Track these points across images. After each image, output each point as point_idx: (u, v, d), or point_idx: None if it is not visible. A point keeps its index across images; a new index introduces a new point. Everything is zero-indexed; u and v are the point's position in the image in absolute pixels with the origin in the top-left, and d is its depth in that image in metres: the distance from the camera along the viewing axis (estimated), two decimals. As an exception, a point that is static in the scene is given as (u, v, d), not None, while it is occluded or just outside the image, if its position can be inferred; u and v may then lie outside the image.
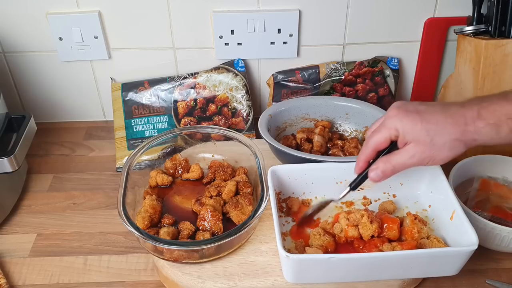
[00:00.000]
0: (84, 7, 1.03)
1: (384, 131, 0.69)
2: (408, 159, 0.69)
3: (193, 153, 0.97)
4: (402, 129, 0.68)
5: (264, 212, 0.77)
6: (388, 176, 0.71)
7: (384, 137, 0.70)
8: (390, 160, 0.70)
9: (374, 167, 0.71)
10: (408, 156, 0.68)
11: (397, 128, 0.68)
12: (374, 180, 0.72)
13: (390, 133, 0.69)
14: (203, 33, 1.07)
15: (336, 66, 1.09)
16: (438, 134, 0.66)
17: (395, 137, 0.69)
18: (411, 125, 0.67)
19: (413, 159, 0.68)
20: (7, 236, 0.89)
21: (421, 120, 0.67)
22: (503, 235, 0.78)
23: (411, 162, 0.69)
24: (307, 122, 1.03)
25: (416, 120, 0.67)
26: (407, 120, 0.68)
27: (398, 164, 0.69)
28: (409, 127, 0.67)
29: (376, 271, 0.71)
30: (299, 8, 1.04)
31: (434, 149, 0.67)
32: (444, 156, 0.68)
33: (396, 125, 0.68)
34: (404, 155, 0.69)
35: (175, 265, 0.77)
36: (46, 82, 1.13)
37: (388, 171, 0.70)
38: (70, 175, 1.03)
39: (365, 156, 0.73)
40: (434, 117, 0.67)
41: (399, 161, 0.69)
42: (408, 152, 0.68)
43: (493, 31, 0.95)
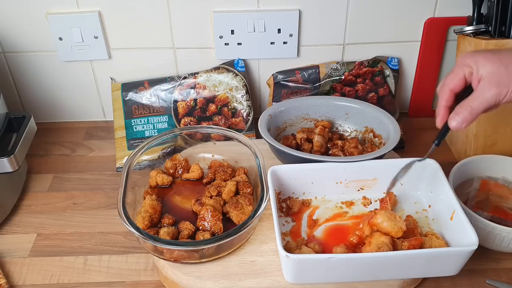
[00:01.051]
0: (84, 7, 1.03)
1: (457, 69, 0.69)
2: (485, 95, 0.66)
3: (193, 153, 0.97)
4: (475, 64, 0.67)
5: (264, 212, 0.77)
6: (469, 121, 0.69)
7: (458, 75, 0.68)
8: (467, 103, 0.68)
9: (453, 115, 0.69)
10: (485, 92, 0.66)
11: (470, 64, 0.67)
12: (457, 127, 0.69)
13: (464, 70, 0.68)
14: (203, 33, 1.07)
15: (336, 66, 1.09)
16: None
17: (469, 73, 0.68)
18: (483, 58, 0.67)
19: (491, 92, 0.66)
20: (7, 236, 0.89)
21: (493, 53, 0.67)
22: (503, 235, 0.78)
23: (489, 97, 0.66)
24: (307, 122, 1.03)
25: (488, 54, 0.67)
26: (479, 55, 0.67)
27: (476, 103, 0.67)
28: (483, 61, 0.67)
29: (376, 271, 0.71)
30: (299, 8, 1.04)
31: (510, 77, 0.65)
32: None
33: (469, 61, 0.68)
34: (481, 92, 0.67)
35: (175, 265, 0.77)
36: (46, 82, 1.13)
37: (467, 113, 0.68)
38: (70, 175, 1.03)
39: (444, 101, 0.71)
40: (504, 51, 0.67)
41: (477, 100, 0.67)
42: (484, 88, 0.66)
43: (493, 31, 0.95)
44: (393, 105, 1.10)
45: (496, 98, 0.67)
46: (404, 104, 1.19)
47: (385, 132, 0.95)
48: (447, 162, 0.86)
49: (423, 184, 0.85)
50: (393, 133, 0.91)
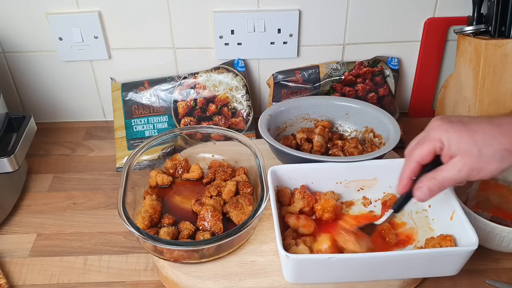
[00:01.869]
0: (84, 7, 1.03)
1: (428, 143, 0.65)
2: (455, 174, 0.64)
3: (193, 153, 0.97)
4: (447, 140, 0.64)
5: (264, 212, 0.77)
6: (435, 194, 0.67)
7: (428, 150, 0.65)
8: (436, 176, 0.66)
9: (419, 185, 0.67)
10: (456, 170, 0.64)
11: (442, 140, 0.64)
12: (421, 199, 0.68)
13: (434, 145, 0.65)
14: (203, 33, 1.07)
15: (336, 66, 1.09)
16: (487, 144, 0.62)
17: (439, 149, 0.65)
18: (457, 136, 0.63)
19: (461, 173, 0.64)
20: (7, 236, 0.89)
21: (467, 130, 0.63)
22: (503, 235, 0.78)
23: (458, 177, 0.64)
24: (307, 122, 1.03)
25: (461, 131, 0.63)
26: (452, 131, 0.64)
27: (445, 179, 0.65)
28: (455, 138, 0.63)
29: (376, 271, 0.71)
30: (299, 8, 1.04)
31: (482, 161, 0.63)
32: (494, 168, 0.63)
33: (441, 136, 0.64)
34: (451, 170, 0.64)
35: (175, 265, 0.77)
36: (46, 82, 1.13)
37: (435, 188, 0.66)
38: (70, 175, 1.03)
39: (409, 172, 0.68)
40: (480, 127, 0.63)
41: (446, 177, 0.65)
42: (455, 166, 0.64)
43: (493, 31, 0.95)
44: (393, 105, 1.10)
45: (464, 179, 0.66)
46: (404, 104, 1.19)
47: (385, 132, 0.95)
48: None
49: (423, 184, 0.85)
50: (393, 133, 0.91)
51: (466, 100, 1.00)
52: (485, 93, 0.95)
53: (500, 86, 0.95)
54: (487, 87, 0.95)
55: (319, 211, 0.82)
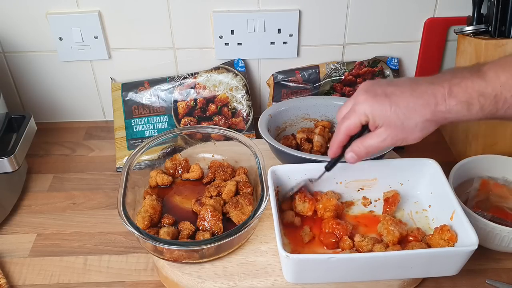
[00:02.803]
0: (84, 7, 1.03)
1: (354, 117, 0.70)
2: (380, 142, 0.70)
3: (193, 153, 0.97)
4: (371, 114, 0.68)
5: (264, 212, 0.77)
6: (362, 158, 0.73)
7: (354, 123, 0.71)
8: (363, 143, 0.71)
9: (349, 150, 0.73)
10: (380, 140, 0.70)
11: (367, 114, 0.69)
12: (350, 162, 0.73)
13: (360, 118, 0.70)
14: (203, 33, 1.07)
15: (336, 66, 1.09)
16: (409, 117, 0.67)
17: (365, 122, 0.70)
18: (380, 110, 0.68)
19: (385, 142, 0.70)
20: (7, 236, 0.89)
21: (390, 104, 0.67)
22: (503, 235, 0.78)
23: (383, 145, 0.70)
24: (307, 122, 1.03)
25: (385, 105, 0.67)
26: (376, 105, 0.68)
27: (370, 146, 0.71)
28: (379, 112, 0.68)
29: (376, 271, 0.71)
30: (299, 8, 1.04)
31: (405, 132, 0.68)
32: (416, 136, 0.69)
33: (366, 110, 0.69)
34: (376, 139, 0.70)
35: (175, 265, 0.77)
36: (46, 82, 1.13)
37: (362, 153, 0.72)
38: (70, 175, 1.03)
39: (338, 142, 0.74)
40: (403, 99, 0.67)
41: (371, 144, 0.71)
42: (380, 136, 0.69)
43: (493, 31, 0.95)
44: (393, 105, 1.10)
45: (390, 146, 0.72)
46: (404, 104, 1.19)
47: (385, 132, 0.94)
48: (447, 162, 0.86)
49: (423, 184, 0.85)
50: (393, 133, 0.91)
51: (466, 100, 1.00)
52: (485, 93, 0.95)
53: (500, 86, 0.95)
54: (487, 87, 0.95)
55: (320, 210, 0.82)
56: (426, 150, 0.78)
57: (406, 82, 0.69)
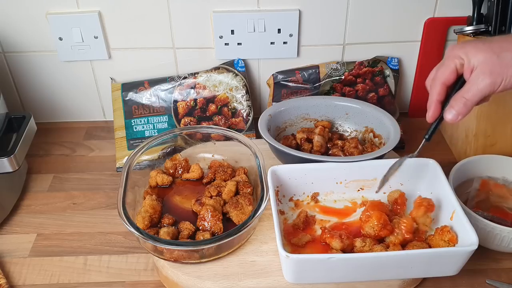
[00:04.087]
0: (84, 7, 1.03)
1: (448, 61, 0.67)
2: (479, 85, 0.64)
3: (193, 153, 0.97)
4: (465, 53, 0.65)
5: (264, 212, 0.77)
6: (465, 113, 0.67)
7: (449, 68, 0.66)
8: (461, 94, 0.66)
9: (448, 108, 0.68)
10: (479, 82, 0.64)
11: (460, 55, 0.65)
12: (452, 120, 0.68)
13: (454, 62, 0.66)
14: (203, 33, 1.07)
15: (336, 66, 1.09)
16: (505, 48, 0.63)
17: (460, 65, 0.66)
18: (474, 48, 0.65)
19: (484, 82, 0.64)
20: (7, 236, 0.89)
21: (483, 42, 0.65)
22: (503, 235, 0.78)
23: (483, 87, 0.64)
24: (307, 122, 1.03)
25: (478, 43, 0.65)
26: (468, 46, 0.65)
27: (471, 95, 0.65)
28: (472, 50, 0.64)
29: (376, 271, 0.71)
30: (299, 8, 1.04)
31: (503, 65, 0.63)
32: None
33: (459, 52, 0.66)
34: (474, 83, 0.64)
35: (175, 265, 0.77)
36: (46, 82, 1.13)
37: (462, 106, 0.66)
38: (70, 175, 1.03)
39: (436, 95, 0.69)
40: (495, 38, 0.65)
41: (471, 91, 0.65)
42: (477, 78, 0.64)
43: (493, 31, 0.95)
44: (393, 105, 1.10)
45: (490, 88, 0.65)
46: (404, 104, 1.19)
47: (385, 132, 0.95)
48: (447, 162, 0.86)
49: (423, 184, 0.85)
50: (393, 133, 0.91)
51: (466, 100, 1.00)
52: (485, 93, 0.95)
53: (500, 86, 0.95)
54: (487, 87, 0.95)
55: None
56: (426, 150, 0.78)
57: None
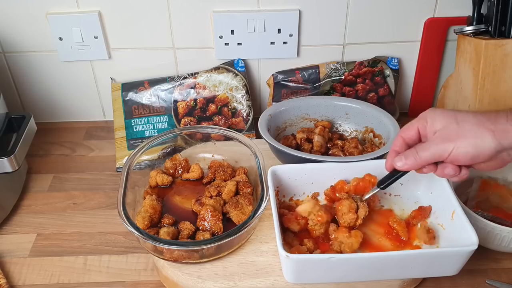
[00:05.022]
0: (84, 7, 1.03)
1: (414, 122, 0.71)
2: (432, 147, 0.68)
3: (193, 153, 0.97)
4: (431, 117, 0.69)
5: (264, 212, 0.77)
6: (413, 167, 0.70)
7: (412, 126, 0.70)
8: (416, 149, 0.69)
9: (400, 155, 0.71)
10: (432, 144, 0.68)
11: (426, 118, 0.69)
12: (400, 168, 0.71)
13: (418, 122, 0.70)
14: (203, 33, 1.07)
15: (336, 66, 1.09)
16: (466, 120, 0.66)
17: (422, 126, 0.69)
18: (440, 113, 0.68)
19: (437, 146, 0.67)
20: (7, 236, 0.89)
21: (453, 110, 0.68)
22: (503, 235, 0.78)
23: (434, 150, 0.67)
24: (307, 122, 1.03)
25: (446, 111, 0.68)
26: (438, 111, 0.69)
27: (422, 153, 0.68)
28: (439, 114, 0.68)
29: (376, 271, 0.71)
30: (299, 8, 1.04)
31: (459, 132, 0.66)
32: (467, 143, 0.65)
33: (426, 115, 0.69)
34: (429, 143, 0.68)
35: (175, 265, 0.77)
36: (46, 82, 1.13)
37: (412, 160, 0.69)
38: (70, 175, 1.03)
39: (394, 146, 0.73)
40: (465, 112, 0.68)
41: (424, 150, 0.68)
42: (433, 140, 0.68)
43: (493, 31, 0.95)
44: (393, 105, 1.10)
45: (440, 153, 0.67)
46: (404, 104, 1.19)
47: (385, 132, 0.95)
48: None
49: (423, 184, 0.85)
50: (393, 133, 0.91)
51: (466, 100, 1.00)
52: (485, 93, 0.95)
53: (500, 86, 0.95)
54: (487, 87, 0.95)
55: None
56: (426, 150, 0.78)
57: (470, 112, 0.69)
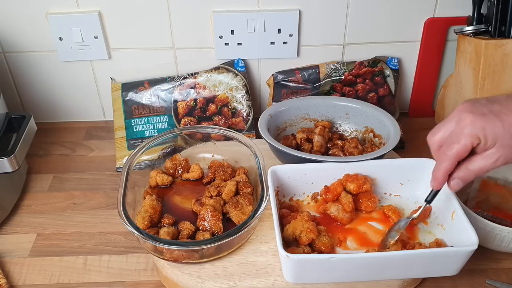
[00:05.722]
0: (84, 7, 1.03)
1: (464, 140, 0.65)
2: (491, 164, 0.66)
3: (193, 153, 0.97)
4: (484, 136, 0.64)
5: (264, 212, 0.77)
6: (468, 182, 0.69)
7: (465, 147, 0.66)
8: (470, 168, 0.67)
9: (454, 176, 0.69)
10: (492, 161, 0.65)
11: (479, 136, 0.65)
12: (455, 189, 0.70)
13: (471, 141, 0.65)
14: (203, 33, 1.07)
15: (336, 66, 1.09)
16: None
17: (476, 144, 0.66)
18: (493, 131, 0.64)
19: (497, 163, 0.65)
20: (7, 236, 0.89)
21: (502, 123, 0.64)
22: (503, 235, 0.78)
23: (494, 166, 0.66)
24: (307, 122, 1.03)
25: (497, 124, 0.64)
26: (487, 126, 0.64)
27: (481, 170, 0.67)
28: (491, 133, 0.64)
29: (376, 271, 0.71)
30: (299, 8, 1.04)
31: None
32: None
33: (477, 132, 0.64)
34: (487, 160, 0.66)
35: (175, 265, 0.77)
36: (46, 82, 1.13)
37: (470, 178, 0.68)
38: (70, 175, 1.03)
39: (446, 170, 0.69)
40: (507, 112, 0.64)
41: (482, 167, 0.66)
42: (492, 157, 0.65)
43: (493, 31, 0.95)
44: (393, 105, 1.10)
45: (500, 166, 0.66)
46: (404, 104, 1.19)
47: (385, 132, 0.95)
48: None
49: (423, 184, 0.84)
50: (393, 133, 0.91)
51: (466, 100, 1.00)
52: (485, 93, 0.95)
53: (500, 86, 0.95)
54: (487, 87, 0.95)
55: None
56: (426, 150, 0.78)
57: (509, 99, 0.66)
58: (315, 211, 0.84)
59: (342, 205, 0.81)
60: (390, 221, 0.81)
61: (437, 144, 0.69)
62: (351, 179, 0.83)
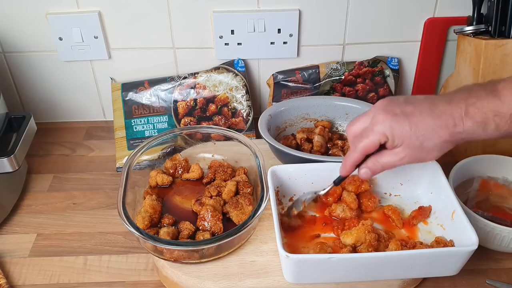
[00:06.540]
0: (84, 7, 1.03)
1: (373, 136, 0.69)
2: (397, 161, 0.70)
3: (193, 153, 0.97)
4: (391, 135, 0.68)
5: (264, 212, 0.77)
6: (376, 174, 0.73)
7: (373, 143, 0.69)
8: (379, 160, 0.71)
9: (363, 166, 0.73)
10: (398, 158, 0.69)
11: (386, 134, 0.68)
12: (363, 177, 0.74)
13: (379, 138, 0.69)
14: (203, 33, 1.07)
15: (336, 66, 1.09)
16: (428, 138, 0.67)
17: (384, 141, 0.69)
18: (400, 131, 0.67)
19: (403, 160, 0.70)
20: (7, 236, 0.89)
21: (410, 125, 0.67)
22: (503, 235, 0.78)
23: (400, 163, 0.70)
24: (307, 122, 1.03)
25: (405, 125, 0.67)
26: (396, 126, 0.67)
27: (387, 164, 0.71)
28: (399, 132, 0.67)
29: (376, 271, 0.71)
30: (299, 8, 1.04)
31: (423, 152, 0.68)
32: (433, 156, 0.69)
33: (385, 131, 0.68)
34: (394, 157, 0.70)
35: (175, 265, 0.77)
36: (46, 82, 1.13)
37: (377, 170, 0.72)
38: (70, 175, 1.03)
39: (353, 161, 0.73)
40: (422, 120, 0.67)
41: (389, 162, 0.71)
42: (398, 155, 0.69)
43: (493, 31, 0.95)
44: (393, 105, 1.10)
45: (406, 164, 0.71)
46: (404, 104, 1.19)
47: (385, 132, 0.94)
48: (447, 162, 0.85)
49: (423, 184, 0.85)
50: (393, 133, 0.91)
51: (466, 100, 1.00)
52: (485, 93, 0.95)
53: (500, 86, 0.95)
54: (487, 87, 0.95)
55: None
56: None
57: (424, 101, 0.68)
58: (315, 211, 0.84)
59: (348, 204, 0.81)
60: (390, 221, 0.81)
61: (352, 135, 0.73)
62: (348, 181, 0.83)
